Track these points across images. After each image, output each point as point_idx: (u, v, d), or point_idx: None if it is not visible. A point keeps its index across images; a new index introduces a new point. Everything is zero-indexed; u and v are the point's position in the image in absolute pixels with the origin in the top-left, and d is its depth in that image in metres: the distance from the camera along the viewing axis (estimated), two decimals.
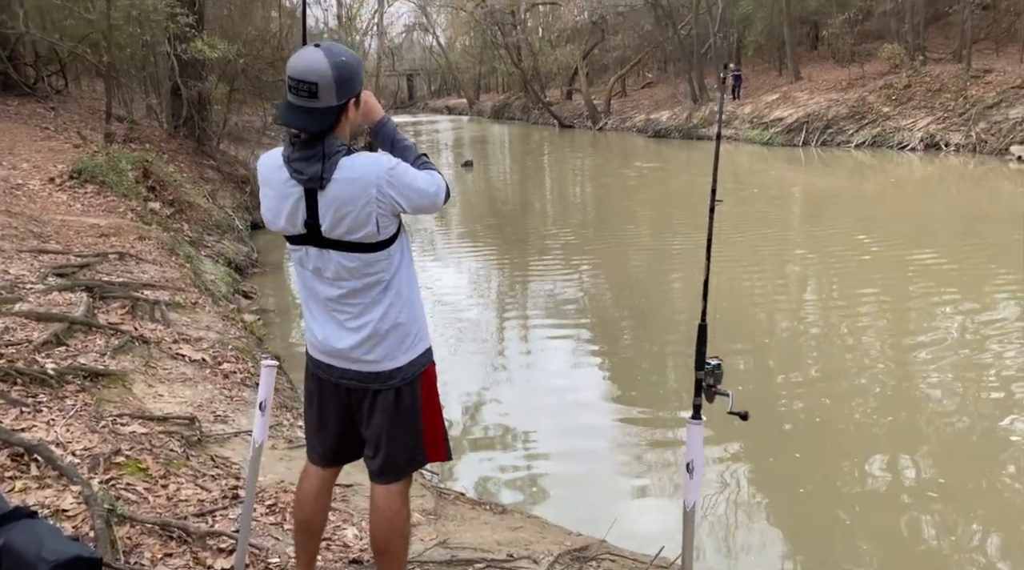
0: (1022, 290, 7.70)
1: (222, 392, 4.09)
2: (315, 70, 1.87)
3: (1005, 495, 4.20)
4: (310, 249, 2.01)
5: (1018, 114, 17.42)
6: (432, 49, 63.63)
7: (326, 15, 35.31)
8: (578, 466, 4.67)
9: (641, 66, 38.72)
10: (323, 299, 2.07)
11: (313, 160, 1.92)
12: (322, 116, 1.90)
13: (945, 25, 25.24)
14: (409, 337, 2.10)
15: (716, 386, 1.94)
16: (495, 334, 7.54)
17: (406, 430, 2.12)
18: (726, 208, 14.35)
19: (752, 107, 25.28)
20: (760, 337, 6.92)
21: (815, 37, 30.43)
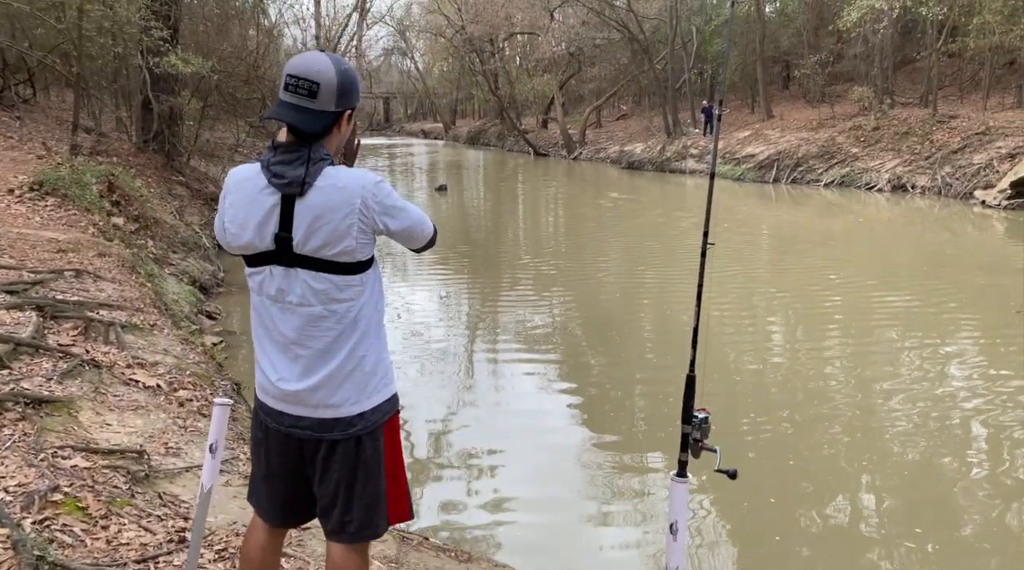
0: (984, 336, 7.78)
1: (176, 422, 3.89)
2: (319, 71, 1.78)
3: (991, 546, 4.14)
4: (274, 269, 1.83)
5: (981, 160, 17.81)
6: (410, 73, 63.83)
7: (305, 36, 35.27)
8: (549, 510, 4.53)
9: (616, 98, 39.16)
10: (281, 332, 1.86)
11: (296, 163, 1.78)
12: (317, 118, 1.79)
13: (912, 71, 25.93)
14: (375, 379, 1.91)
15: (703, 440, 1.82)
16: (465, 362, 7.40)
17: (367, 487, 1.91)
18: (695, 244, 14.51)
19: (724, 143, 25.58)
20: (728, 377, 6.85)
21: (786, 77, 31.06)
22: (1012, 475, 4.80)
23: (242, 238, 1.84)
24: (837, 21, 21.47)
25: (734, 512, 4.43)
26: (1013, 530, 4.22)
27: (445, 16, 40.44)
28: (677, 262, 11.85)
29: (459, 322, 8.80)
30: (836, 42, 25.76)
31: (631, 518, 4.42)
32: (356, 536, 1.93)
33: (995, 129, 18.43)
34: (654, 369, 6.95)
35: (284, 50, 27.45)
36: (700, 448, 1.83)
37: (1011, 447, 5.19)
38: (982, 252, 12.68)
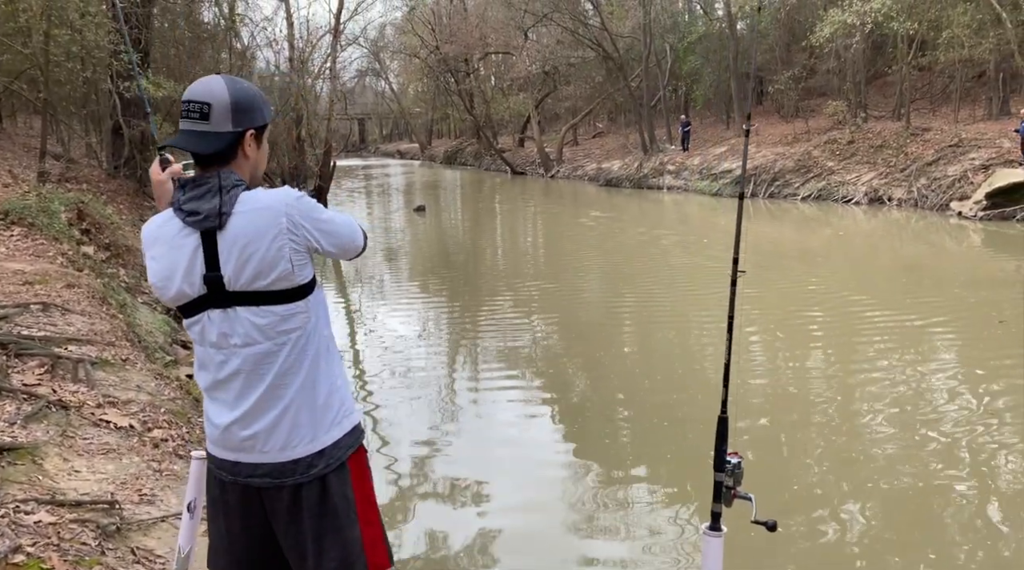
0: (967, 345, 7.75)
1: (150, 465, 3.65)
2: (210, 91, 1.71)
3: None
4: (211, 313, 1.71)
5: (956, 171, 17.99)
6: (384, 94, 63.81)
7: (278, 58, 35.06)
8: (539, 545, 4.33)
9: (592, 116, 39.33)
10: (226, 377, 1.73)
11: (208, 196, 1.67)
12: (212, 139, 1.70)
13: (884, 84, 26.26)
14: (331, 412, 1.78)
15: (736, 488, 1.66)
16: (446, 388, 7.21)
17: (338, 536, 1.75)
18: (676, 258, 14.48)
19: (701, 159, 25.72)
20: (707, 395, 6.71)
21: (760, 92, 31.36)
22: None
23: (171, 289, 1.73)
24: (810, 36, 21.70)
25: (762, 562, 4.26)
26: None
27: (419, 37, 40.51)
28: (660, 281, 11.77)
29: (439, 346, 8.60)
30: (808, 57, 26.06)
31: (630, 546, 4.24)
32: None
33: (968, 141, 18.65)
34: (639, 391, 6.81)
35: (257, 73, 27.20)
36: (732, 497, 1.67)
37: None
38: (960, 263, 12.74)
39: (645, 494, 4.82)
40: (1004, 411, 5.90)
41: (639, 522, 4.47)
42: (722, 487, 1.69)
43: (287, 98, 25.79)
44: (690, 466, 5.23)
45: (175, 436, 4.15)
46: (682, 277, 11.85)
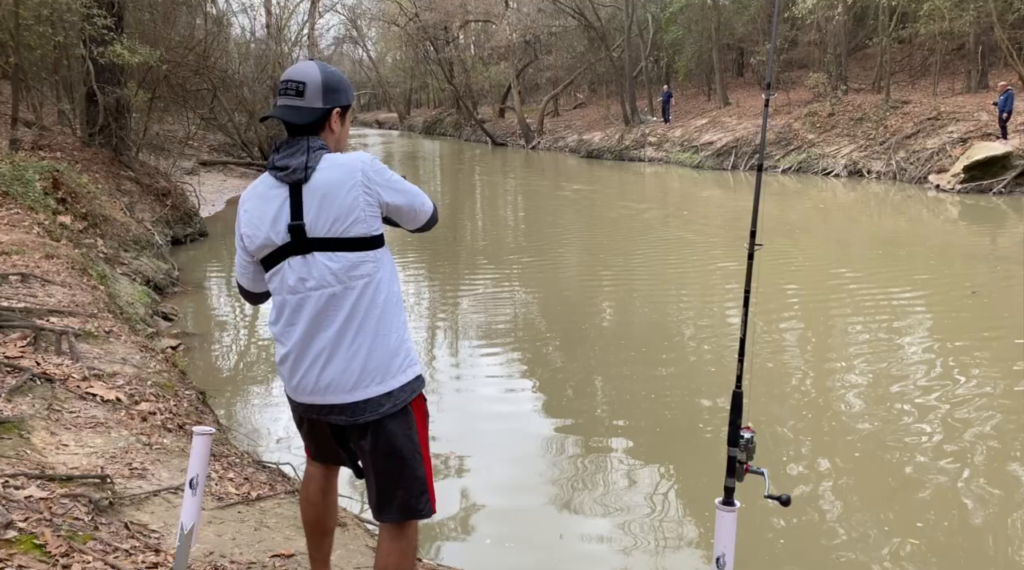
0: (941, 316, 7.88)
1: (139, 439, 3.61)
2: (305, 72, 2.02)
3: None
4: (292, 260, 1.96)
5: (934, 144, 18.12)
6: (362, 62, 62.82)
7: (254, 24, 34.35)
8: (531, 519, 4.36)
9: (573, 87, 39.03)
10: (302, 322, 1.96)
11: (298, 154, 1.96)
12: (305, 113, 1.99)
13: (864, 57, 26.30)
14: (399, 358, 1.99)
15: (748, 463, 1.66)
16: (425, 358, 7.23)
17: (403, 470, 1.99)
18: (657, 231, 14.47)
19: (682, 131, 25.67)
20: (689, 368, 6.78)
21: (740, 64, 31.27)
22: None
23: (258, 238, 1.98)
24: (793, 8, 21.62)
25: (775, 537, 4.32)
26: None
27: (398, 4, 39.80)
28: (643, 254, 11.79)
29: (418, 320, 8.56)
30: (790, 29, 25.98)
31: (604, 518, 4.28)
32: (398, 517, 2.02)
33: (946, 114, 18.77)
34: (621, 365, 6.83)
35: (233, 39, 26.64)
36: (745, 471, 1.67)
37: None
38: (937, 235, 12.89)
39: (626, 467, 4.86)
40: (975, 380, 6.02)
41: (621, 494, 4.52)
42: (735, 462, 1.68)
43: (264, 65, 25.32)
44: (674, 439, 5.28)
45: (163, 409, 4.11)
46: (664, 250, 11.89)
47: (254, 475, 3.69)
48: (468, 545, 4.05)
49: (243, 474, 3.66)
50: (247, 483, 3.52)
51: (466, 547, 4.02)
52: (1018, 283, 9.47)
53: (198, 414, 4.42)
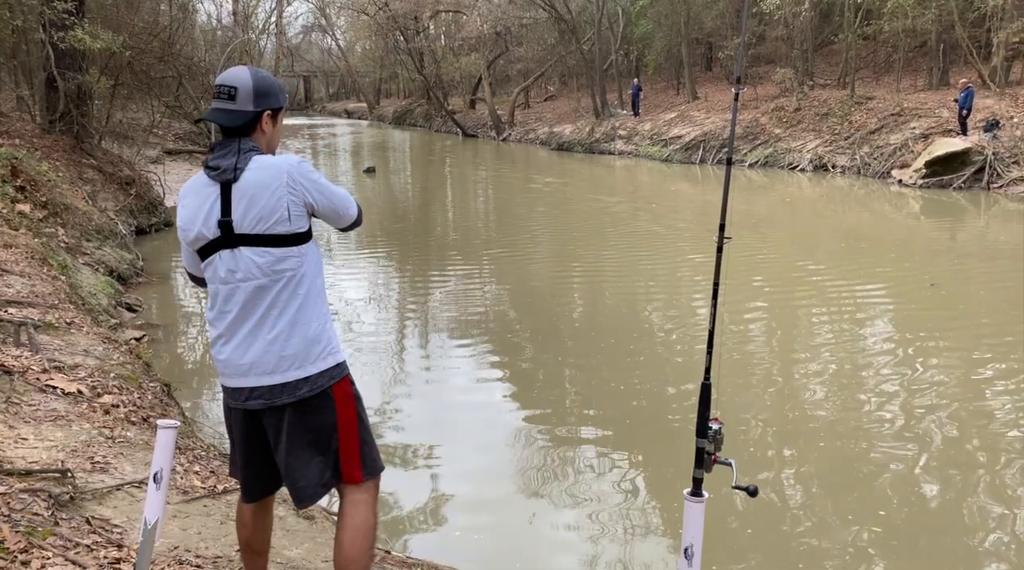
0: (901, 308, 8.06)
1: (102, 432, 3.56)
2: (236, 77, 2.14)
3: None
4: (222, 253, 2.09)
5: (897, 140, 18.43)
6: (331, 51, 62.14)
7: (220, 11, 33.79)
8: (502, 509, 4.37)
9: (544, 79, 39.00)
10: (231, 309, 2.10)
11: (229, 155, 2.09)
12: (238, 115, 2.12)
13: (830, 53, 26.64)
14: (318, 346, 2.12)
15: (716, 454, 1.68)
16: (395, 349, 7.22)
17: (317, 451, 2.10)
18: (626, 225, 14.51)
19: (652, 124, 25.80)
20: (657, 361, 6.84)
21: (709, 58, 31.49)
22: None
23: (193, 230, 2.10)
24: (760, 3, 21.80)
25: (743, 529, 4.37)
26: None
27: None
28: (612, 247, 11.85)
29: (388, 311, 8.53)
30: (758, 24, 26.20)
31: (584, 509, 4.32)
32: (313, 497, 2.14)
33: (909, 110, 19.09)
34: (587, 354, 6.88)
35: (199, 26, 26.18)
36: (713, 462, 1.69)
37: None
38: (899, 229, 13.14)
39: (595, 457, 4.90)
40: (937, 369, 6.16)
41: (591, 484, 4.55)
42: (704, 453, 1.70)
43: (231, 53, 24.93)
44: (642, 429, 5.32)
45: (126, 402, 4.05)
46: (634, 243, 11.95)
47: (220, 468, 3.65)
48: (437, 536, 4.06)
49: (209, 467, 3.62)
50: (213, 476, 3.49)
51: (436, 538, 4.03)
52: (975, 276, 9.71)
53: (163, 406, 4.36)
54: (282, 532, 3.09)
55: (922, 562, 3.80)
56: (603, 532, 4.04)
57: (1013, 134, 15.98)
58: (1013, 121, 16.35)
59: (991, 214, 14.12)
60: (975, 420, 5.27)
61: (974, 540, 3.95)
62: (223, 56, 23.27)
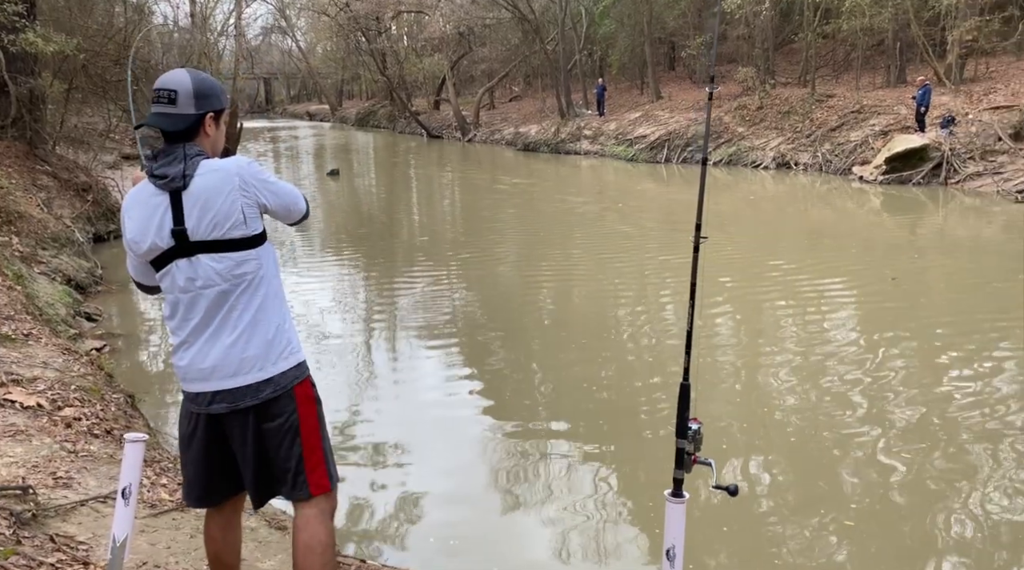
0: (865, 297, 8.19)
1: (64, 446, 3.44)
2: (176, 80, 2.08)
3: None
4: (179, 262, 2.05)
5: (858, 137, 18.76)
6: (291, 53, 61.47)
7: (177, 13, 33.24)
8: (479, 510, 4.33)
9: (509, 79, 39.00)
10: (193, 317, 2.07)
11: (175, 162, 2.03)
12: (178, 119, 2.06)
13: (790, 51, 27.02)
14: (278, 347, 2.11)
15: (696, 454, 1.66)
16: (362, 352, 7.14)
17: (280, 452, 2.08)
18: (594, 225, 14.51)
19: (617, 124, 25.94)
20: (625, 361, 6.86)
21: (672, 58, 31.75)
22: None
23: (145, 242, 2.05)
24: (722, 3, 22.02)
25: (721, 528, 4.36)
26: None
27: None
28: (580, 248, 11.87)
29: (355, 314, 8.44)
30: (720, 23, 26.47)
31: (567, 513, 4.29)
32: (290, 497, 2.12)
33: (868, 107, 19.44)
34: (558, 354, 6.87)
35: (156, 29, 25.68)
36: (693, 462, 1.67)
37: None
38: (860, 225, 13.36)
39: (571, 459, 4.87)
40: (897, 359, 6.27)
41: (567, 487, 4.53)
42: (684, 453, 1.68)
43: (189, 55, 24.54)
44: (617, 429, 5.32)
45: (89, 414, 3.93)
46: (601, 243, 11.98)
47: None
48: (413, 542, 3.99)
49: (177, 479, 3.52)
50: (181, 489, 3.39)
51: (411, 544, 3.97)
52: (935, 270, 9.91)
53: (127, 418, 4.24)
54: (254, 544, 3.01)
55: (896, 550, 3.85)
56: (581, 533, 4.02)
57: (968, 130, 16.35)
58: (968, 117, 16.74)
59: (949, 209, 14.43)
60: (939, 407, 5.35)
61: (942, 530, 4.01)
62: (182, 58, 22.91)
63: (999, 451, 4.73)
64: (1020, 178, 14.56)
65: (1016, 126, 15.80)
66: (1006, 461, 4.62)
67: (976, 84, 18.83)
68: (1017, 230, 11.95)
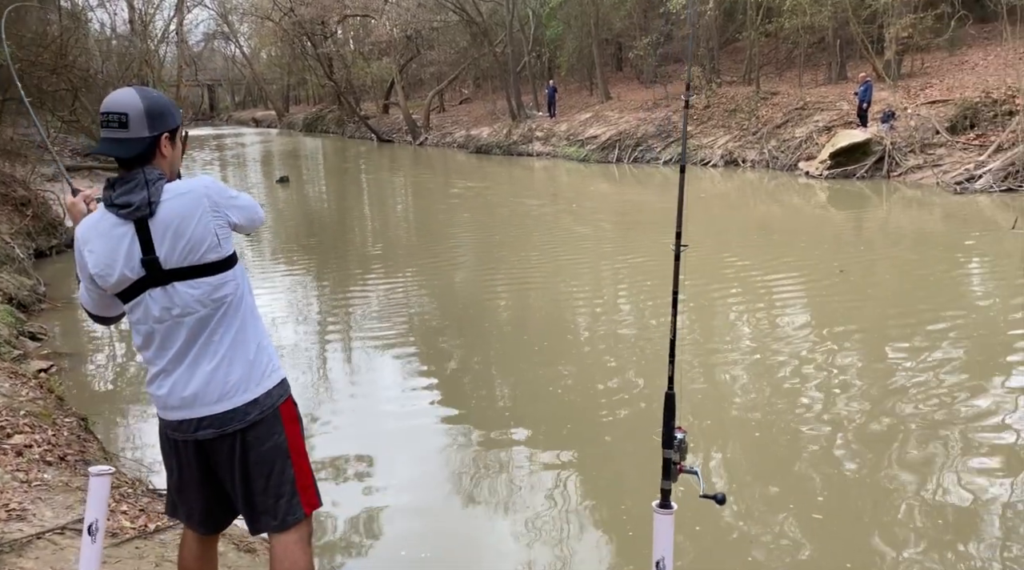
0: (812, 293, 8.38)
1: (15, 476, 3.30)
2: (125, 102, 1.96)
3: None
4: (152, 292, 1.97)
5: (802, 133, 19.19)
6: (235, 59, 60.41)
7: (114, 20, 32.37)
8: (442, 518, 4.29)
9: (458, 82, 38.92)
10: (173, 346, 2.00)
11: (137, 189, 1.93)
12: (133, 144, 1.95)
13: (735, 50, 27.51)
14: (260, 366, 2.07)
15: (681, 463, 1.65)
16: (317, 362, 7.02)
17: (273, 474, 2.04)
18: (549, 226, 14.50)
19: (568, 125, 26.09)
20: (584, 363, 6.89)
21: (619, 59, 32.07)
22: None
23: (113, 275, 1.96)
24: (667, 3, 22.34)
25: (705, 537, 4.38)
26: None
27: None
28: (536, 249, 11.88)
29: (308, 323, 8.27)
30: (665, 23, 26.84)
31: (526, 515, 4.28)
32: (282, 525, 2.05)
33: (812, 104, 19.90)
34: (518, 359, 6.85)
35: (93, 36, 24.97)
36: (678, 471, 1.67)
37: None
38: (806, 219, 13.67)
39: (532, 465, 4.83)
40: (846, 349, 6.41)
41: (530, 492, 4.50)
42: (671, 463, 1.68)
43: (129, 63, 23.90)
44: (584, 435, 5.31)
45: (40, 441, 3.78)
46: (558, 246, 11.99)
47: (150, 505, 3.44)
48: (382, 559, 3.93)
49: (138, 505, 3.40)
50: (143, 515, 3.28)
51: (381, 561, 3.90)
52: (880, 260, 10.19)
53: (80, 442, 4.09)
54: (224, 568, 2.93)
55: (862, 540, 3.92)
56: (555, 544, 4.00)
57: (908, 124, 16.85)
58: (907, 112, 17.25)
59: (892, 201, 14.85)
60: (889, 398, 5.48)
61: (902, 513, 4.10)
62: (122, 67, 22.31)
63: (949, 440, 4.86)
64: (958, 170, 15.06)
65: (952, 120, 16.34)
66: (953, 449, 4.76)
67: (913, 79, 19.42)
68: (956, 220, 12.36)
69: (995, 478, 4.38)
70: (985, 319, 7.35)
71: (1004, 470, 4.46)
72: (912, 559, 3.71)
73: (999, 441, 4.81)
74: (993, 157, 14.72)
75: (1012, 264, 9.60)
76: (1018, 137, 14.44)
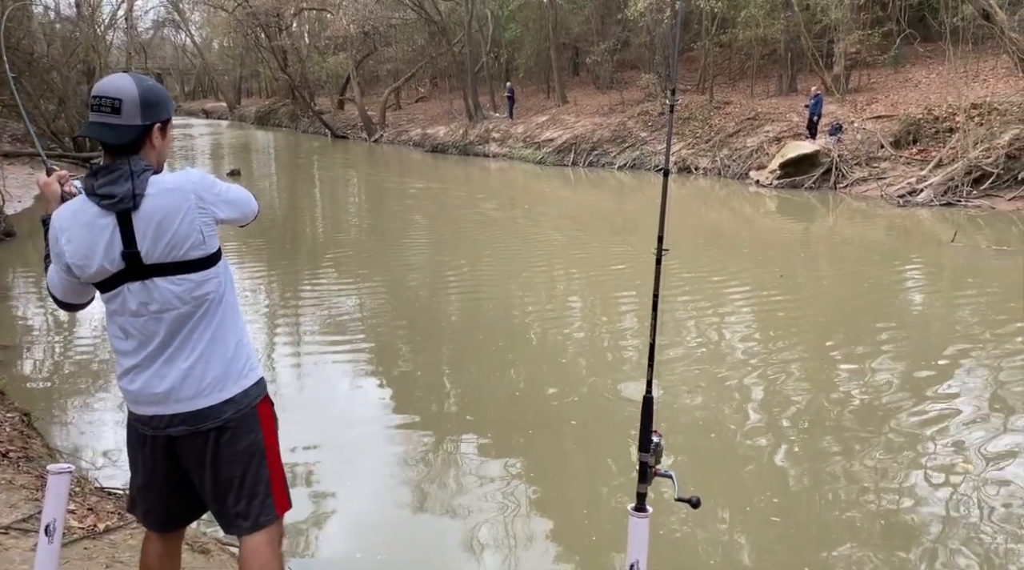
0: (754, 296, 8.58)
1: None
2: (120, 87, 1.90)
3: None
4: (131, 285, 1.92)
5: (753, 143, 19.59)
6: (185, 48, 59.10)
7: (59, 3, 31.37)
8: (405, 524, 4.26)
9: (415, 80, 38.71)
10: (146, 340, 1.95)
11: (121, 180, 1.87)
12: (124, 131, 1.89)
13: (689, 59, 27.96)
14: (238, 364, 2.03)
15: (656, 466, 1.67)
16: (264, 361, 6.88)
17: (247, 475, 2.00)
18: (504, 227, 14.50)
19: (524, 127, 26.17)
20: (534, 364, 6.93)
21: (576, 63, 32.32)
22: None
23: (91, 267, 1.90)
24: (626, 10, 22.59)
25: (681, 541, 4.42)
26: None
27: None
28: (491, 250, 11.89)
29: (256, 322, 8.05)
30: (623, 30, 27.14)
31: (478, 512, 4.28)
32: (254, 525, 2.01)
33: (763, 114, 20.34)
34: (469, 360, 6.85)
35: (37, 19, 24.13)
36: (653, 474, 1.69)
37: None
38: (754, 227, 13.97)
39: (475, 464, 4.82)
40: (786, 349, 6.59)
41: (472, 494, 4.49)
42: (647, 467, 1.70)
43: (74, 48, 23.20)
44: (541, 436, 5.34)
45: None
46: (509, 245, 12.04)
47: (99, 504, 3.34)
48: (337, 563, 3.88)
49: (86, 504, 3.30)
50: (92, 514, 3.18)
51: (335, 565, 3.85)
52: (822, 266, 10.50)
53: (24, 439, 3.95)
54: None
55: (818, 538, 4.02)
56: (523, 550, 4.01)
57: (854, 137, 17.35)
58: (854, 125, 17.76)
59: (838, 212, 15.26)
60: (833, 404, 5.64)
61: (854, 511, 4.22)
62: (66, 52, 21.62)
63: (892, 441, 5.03)
64: (901, 184, 15.56)
65: (896, 135, 16.88)
66: (893, 449, 4.92)
67: (860, 94, 20.01)
68: (898, 232, 12.78)
69: (934, 484, 4.54)
70: (924, 329, 7.61)
71: (941, 472, 4.63)
72: (861, 560, 3.83)
73: (939, 447, 4.99)
74: (934, 172, 15.25)
75: (950, 276, 9.97)
76: (957, 153, 15.00)
